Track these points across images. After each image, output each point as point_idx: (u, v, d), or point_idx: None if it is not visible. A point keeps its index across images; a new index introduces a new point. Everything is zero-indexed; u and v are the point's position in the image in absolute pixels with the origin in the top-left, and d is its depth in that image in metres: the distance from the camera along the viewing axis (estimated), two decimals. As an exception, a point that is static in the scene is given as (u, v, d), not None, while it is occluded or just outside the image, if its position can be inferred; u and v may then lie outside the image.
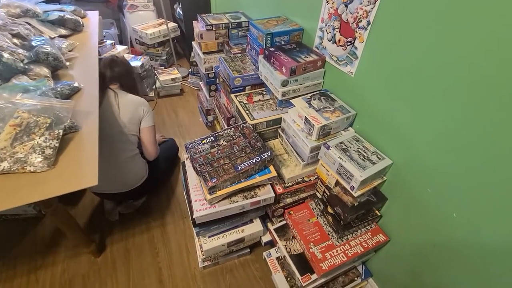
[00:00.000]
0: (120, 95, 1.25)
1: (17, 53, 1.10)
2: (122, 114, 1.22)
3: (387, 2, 0.80)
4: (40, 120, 0.86)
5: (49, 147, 0.83)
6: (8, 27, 1.21)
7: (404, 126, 0.86)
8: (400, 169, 0.93)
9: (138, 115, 1.27)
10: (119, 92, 1.27)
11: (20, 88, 0.94)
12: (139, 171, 1.36)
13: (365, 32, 0.90)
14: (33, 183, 0.78)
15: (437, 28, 0.68)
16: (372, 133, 1.01)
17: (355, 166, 0.92)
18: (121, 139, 1.25)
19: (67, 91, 1.10)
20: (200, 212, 0.95)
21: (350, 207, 0.98)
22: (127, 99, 1.26)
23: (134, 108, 1.26)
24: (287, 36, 1.22)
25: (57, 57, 1.21)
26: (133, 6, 2.88)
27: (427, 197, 0.85)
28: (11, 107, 0.85)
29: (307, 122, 1.03)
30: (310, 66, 1.11)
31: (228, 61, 1.41)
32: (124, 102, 1.24)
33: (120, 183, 1.32)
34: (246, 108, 1.23)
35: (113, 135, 1.21)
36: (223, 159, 0.98)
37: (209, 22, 1.63)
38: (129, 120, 1.24)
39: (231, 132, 1.09)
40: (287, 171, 1.11)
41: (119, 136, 1.24)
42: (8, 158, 0.79)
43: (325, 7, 1.06)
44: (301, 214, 1.12)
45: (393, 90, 0.87)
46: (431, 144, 0.79)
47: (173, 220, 1.53)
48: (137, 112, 1.27)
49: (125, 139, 1.25)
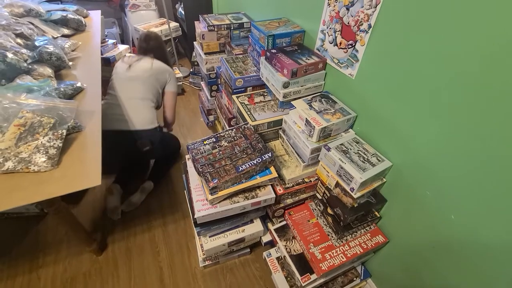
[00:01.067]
0: (154, 61, 1.56)
1: (20, 53, 1.11)
2: (152, 72, 1.52)
3: (388, 6, 0.81)
4: (44, 120, 0.87)
5: (53, 147, 0.84)
6: (11, 26, 1.22)
7: (404, 128, 0.87)
8: (400, 171, 0.93)
9: (165, 78, 1.58)
10: (154, 59, 1.57)
11: (24, 88, 0.95)
12: (147, 115, 1.49)
13: (366, 35, 0.91)
14: (37, 182, 0.79)
15: (437, 32, 0.69)
16: (372, 135, 1.02)
17: (355, 168, 0.93)
18: (143, 83, 1.50)
19: (70, 91, 1.11)
20: (201, 212, 0.96)
21: (349, 208, 0.99)
22: (158, 63, 1.57)
23: (162, 71, 1.57)
24: (288, 38, 1.23)
25: (60, 57, 1.22)
26: (135, 5, 2.88)
27: (426, 199, 0.86)
28: (15, 107, 0.86)
29: (308, 124, 1.04)
30: (311, 68, 1.12)
31: (229, 62, 1.42)
32: (156, 64, 1.55)
33: (129, 119, 1.44)
34: (248, 109, 1.24)
35: (141, 77, 1.49)
36: (224, 160, 0.99)
37: (211, 23, 1.64)
38: (155, 78, 1.53)
39: (233, 133, 1.10)
40: (287, 172, 1.12)
41: (143, 81, 1.50)
42: (13, 157, 0.80)
43: (326, 10, 1.07)
44: (301, 215, 1.13)
45: (393, 93, 0.88)
46: (431, 146, 0.80)
47: (174, 220, 1.54)
48: (164, 75, 1.57)
49: (146, 85, 1.51)
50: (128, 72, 1.50)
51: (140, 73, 1.50)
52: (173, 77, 1.62)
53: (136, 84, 1.49)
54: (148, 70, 1.51)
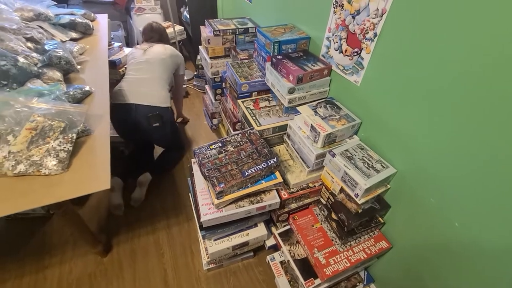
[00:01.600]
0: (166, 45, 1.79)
1: (31, 57, 1.13)
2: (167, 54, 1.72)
3: (393, 15, 0.82)
4: (55, 124, 0.88)
5: (63, 151, 0.86)
6: (22, 31, 1.24)
7: (408, 135, 0.88)
8: (404, 177, 0.94)
9: (178, 60, 1.83)
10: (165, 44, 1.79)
11: (35, 92, 0.97)
12: (162, 94, 1.63)
13: (372, 44, 0.93)
14: (48, 185, 0.80)
15: (442, 40, 0.70)
16: (376, 142, 1.03)
17: (360, 174, 0.94)
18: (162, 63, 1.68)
19: (79, 95, 1.13)
20: (207, 216, 0.97)
21: (354, 214, 1.00)
22: (170, 47, 1.79)
23: (176, 54, 1.81)
24: (294, 44, 1.25)
25: (69, 61, 1.25)
26: (141, 8, 2.91)
27: (430, 206, 0.87)
28: (27, 111, 0.88)
29: (313, 130, 1.05)
30: (316, 74, 1.13)
31: (235, 67, 1.44)
32: (169, 48, 1.77)
33: (145, 94, 1.55)
34: (253, 114, 1.25)
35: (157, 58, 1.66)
36: (230, 165, 1.01)
37: (217, 28, 1.66)
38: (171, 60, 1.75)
39: (239, 138, 1.11)
40: (292, 177, 1.13)
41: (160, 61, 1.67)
42: (24, 160, 0.82)
43: (332, 18, 1.08)
44: (305, 220, 1.14)
45: (398, 100, 0.89)
46: (435, 154, 0.81)
47: (178, 222, 1.55)
48: (177, 58, 1.82)
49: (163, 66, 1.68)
50: (144, 55, 1.65)
51: (157, 55, 1.67)
52: (183, 61, 1.88)
53: (154, 65, 1.64)
54: (163, 53, 1.70)
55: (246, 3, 1.90)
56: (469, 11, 0.63)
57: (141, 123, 1.54)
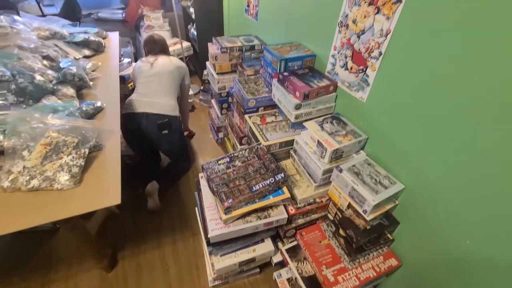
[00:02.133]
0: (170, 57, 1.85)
1: (46, 74, 1.17)
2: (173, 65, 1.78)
3: (398, 35, 0.85)
4: (68, 140, 0.91)
5: (76, 166, 0.88)
6: (39, 49, 1.30)
7: (416, 151, 0.89)
8: (412, 193, 0.94)
9: (183, 71, 1.89)
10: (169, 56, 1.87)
11: (50, 108, 1.00)
12: (171, 103, 1.71)
13: (377, 62, 0.95)
14: (60, 200, 0.82)
15: (446, 62, 0.72)
16: (383, 157, 1.04)
17: (368, 190, 0.94)
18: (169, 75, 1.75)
19: (91, 111, 1.16)
20: (215, 232, 0.97)
21: (362, 231, 0.99)
22: (175, 58, 1.85)
23: (181, 64, 1.87)
24: (300, 62, 1.28)
25: (82, 77, 1.29)
26: (150, 26, 3.02)
27: (440, 223, 0.86)
28: (42, 127, 0.91)
29: (320, 145, 1.06)
30: (322, 91, 1.15)
31: (242, 83, 1.47)
32: (174, 59, 1.83)
33: (155, 103, 1.63)
34: (260, 129, 1.27)
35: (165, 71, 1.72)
36: (238, 180, 1.02)
37: (224, 45, 1.71)
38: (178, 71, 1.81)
39: (246, 153, 1.13)
40: (299, 191, 1.13)
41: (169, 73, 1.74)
42: (38, 175, 0.84)
43: (337, 37, 1.12)
44: (312, 236, 1.13)
45: (404, 117, 0.90)
46: (443, 169, 0.81)
47: (184, 237, 1.54)
48: (182, 68, 1.88)
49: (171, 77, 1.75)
50: (152, 68, 1.71)
51: (165, 67, 1.74)
52: (187, 70, 1.94)
53: (162, 77, 1.72)
54: (170, 65, 1.76)
55: (252, 21, 1.97)
56: (476, 30, 0.65)
57: (150, 130, 1.60)
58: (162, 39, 1.95)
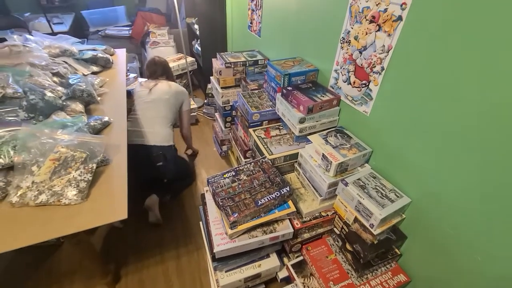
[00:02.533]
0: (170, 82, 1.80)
1: (56, 91, 1.21)
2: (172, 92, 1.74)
3: (400, 51, 0.87)
4: (77, 155, 0.92)
5: (83, 181, 0.89)
6: (49, 66, 1.34)
7: (421, 164, 0.89)
8: (419, 207, 0.93)
9: (182, 97, 1.84)
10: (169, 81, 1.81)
11: (59, 124, 1.03)
12: (165, 133, 1.67)
13: (379, 77, 0.97)
14: (67, 215, 0.82)
15: (449, 74, 0.74)
16: (388, 170, 1.04)
17: (374, 203, 0.93)
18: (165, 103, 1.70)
19: (99, 126, 1.18)
20: (220, 247, 0.96)
21: (369, 245, 0.98)
22: (175, 84, 1.81)
23: (180, 91, 1.82)
24: (303, 76, 1.31)
25: (90, 93, 1.32)
26: (155, 42, 3.11)
27: (449, 238, 0.85)
28: (51, 142, 0.93)
29: (325, 159, 1.07)
30: (326, 104, 1.17)
31: (246, 97, 1.50)
32: (174, 86, 1.79)
33: (149, 133, 1.61)
34: (264, 143, 1.28)
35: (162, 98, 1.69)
36: (244, 194, 1.02)
37: (228, 60, 1.75)
38: (175, 98, 1.77)
39: (251, 167, 1.13)
40: (304, 205, 1.12)
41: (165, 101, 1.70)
42: (47, 190, 0.84)
43: (340, 52, 1.14)
44: (319, 251, 1.11)
45: (408, 130, 0.91)
46: (449, 183, 0.80)
47: (187, 252, 1.52)
48: (182, 95, 1.83)
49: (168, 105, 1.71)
50: (150, 95, 1.70)
51: (162, 94, 1.71)
52: (187, 96, 1.88)
53: (159, 105, 1.69)
54: (168, 91, 1.73)
55: (255, 37, 2.02)
56: (477, 44, 0.67)
57: (145, 162, 1.57)
58: (163, 61, 1.93)
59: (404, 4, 0.83)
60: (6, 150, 0.87)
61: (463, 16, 0.67)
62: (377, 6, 0.92)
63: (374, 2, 0.92)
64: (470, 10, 0.66)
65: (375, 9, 0.93)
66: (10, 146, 0.88)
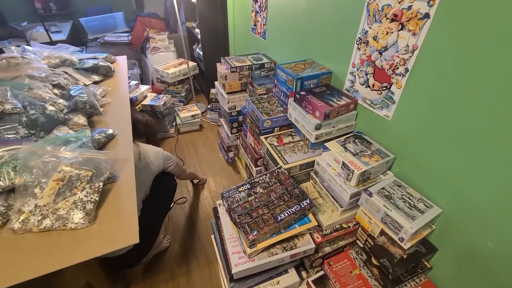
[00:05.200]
0: (142, 146, 1.36)
1: (57, 104, 1.14)
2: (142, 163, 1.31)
3: (427, 51, 0.80)
4: (82, 173, 0.86)
5: (90, 202, 0.82)
6: (49, 78, 1.27)
7: (452, 171, 0.82)
8: (451, 217, 0.87)
9: (159, 168, 1.40)
10: (140, 144, 1.37)
11: (62, 140, 0.96)
12: None
13: (403, 79, 0.91)
14: (74, 241, 0.75)
15: (486, 77, 0.67)
16: (414, 178, 0.97)
17: (403, 215, 0.87)
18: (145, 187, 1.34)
19: (103, 139, 1.12)
20: (239, 267, 0.90)
21: (398, 260, 0.91)
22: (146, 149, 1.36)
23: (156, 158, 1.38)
24: (316, 80, 1.24)
25: (93, 105, 1.26)
26: (155, 48, 3.05)
27: (488, 252, 0.78)
28: (55, 161, 0.86)
29: (345, 167, 1.00)
30: (343, 109, 1.11)
31: (255, 102, 1.43)
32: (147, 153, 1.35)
33: None
34: (278, 151, 1.21)
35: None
36: (261, 209, 0.95)
37: (233, 65, 1.69)
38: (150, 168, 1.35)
39: (267, 179, 1.07)
40: (324, 217, 1.06)
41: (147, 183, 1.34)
42: (51, 215, 0.78)
43: (356, 53, 1.08)
44: (342, 265, 1.04)
45: (436, 135, 0.84)
46: (489, 189, 0.74)
47: (198, 266, 1.45)
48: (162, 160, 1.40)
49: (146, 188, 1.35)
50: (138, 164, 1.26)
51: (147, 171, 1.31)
52: (165, 156, 1.44)
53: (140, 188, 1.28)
54: (137, 164, 1.23)
55: (260, 40, 1.96)
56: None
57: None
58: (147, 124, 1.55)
59: (432, 1, 0.76)
60: (6, 171, 0.81)
61: (500, 12, 0.61)
62: (399, 3, 0.85)
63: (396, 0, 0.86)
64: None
65: (397, 7, 0.86)
66: (10, 167, 0.81)
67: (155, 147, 1.41)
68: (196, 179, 2.00)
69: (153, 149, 1.38)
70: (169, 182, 1.57)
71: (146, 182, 1.34)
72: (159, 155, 1.39)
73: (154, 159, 1.36)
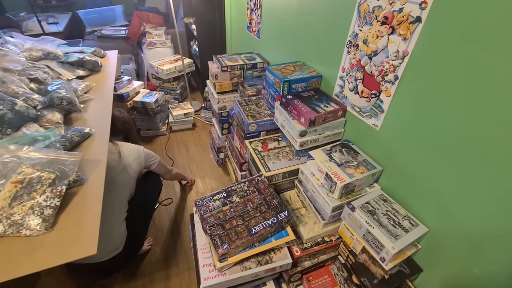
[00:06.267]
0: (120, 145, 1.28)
1: (31, 99, 1.09)
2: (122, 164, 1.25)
3: (418, 58, 0.74)
4: (44, 176, 0.80)
5: (49, 207, 0.77)
6: (27, 71, 1.22)
7: (442, 187, 0.76)
8: (438, 238, 0.81)
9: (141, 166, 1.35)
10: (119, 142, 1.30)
11: (28, 138, 0.91)
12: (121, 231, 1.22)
13: (393, 86, 0.84)
14: (26, 250, 0.70)
15: (480, 87, 0.60)
16: (401, 193, 0.91)
17: (385, 234, 0.80)
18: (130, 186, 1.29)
19: (77, 138, 1.06)
20: (208, 281, 0.84)
21: (380, 280, 0.85)
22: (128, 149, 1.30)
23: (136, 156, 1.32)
24: (305, 83, 1.18)
25: (71, 101, 1.20)
26: (152, 43, 2.99)
27: (474, 279, 0.72)
28: (16, 161, 0.81)
29: (328, 178, 0.94)
30: (330, 116, 1.05)
31: (242, 104, 1.37)
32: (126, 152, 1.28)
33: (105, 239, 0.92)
34: (261, 157, 1.15)
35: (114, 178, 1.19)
36: (236, 219, 0.89)
37: (224, 64, 1.63)
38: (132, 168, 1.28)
39: (245, 187, 1.01)
40: (305, 229, 1.00)
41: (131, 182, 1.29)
42: (4, 220, 0.73)
43: (346, 57, 1.01)
44: (321, 281, 0.99)
45: (426, 148, 0.78)
46: (479, 210, 0.67)
47: (178, 272, 1.40)
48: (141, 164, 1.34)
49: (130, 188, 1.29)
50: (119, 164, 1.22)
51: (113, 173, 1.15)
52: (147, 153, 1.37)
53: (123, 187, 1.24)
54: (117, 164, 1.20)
55: (255, 39, 1.90)
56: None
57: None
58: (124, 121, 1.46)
59: (424, 3, 0.69)
60: (-39, 171, 0.76)
61: (497, 18, 0.54)
62: (390, 5, 0.79)
63: (387, 1, 0.79)
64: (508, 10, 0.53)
65: (388, 9, 0.80)
66: (-34, 167, 0.77)
67: (134, 144, 1.34)
68: (183, 180, 1.94)
69: (132, 147, 1.31)
70: (153, 181, 1.52)
71: (128, 182, 1.28)
72: (139, 152, 1.33)
73: (135, 157, 1.30)
